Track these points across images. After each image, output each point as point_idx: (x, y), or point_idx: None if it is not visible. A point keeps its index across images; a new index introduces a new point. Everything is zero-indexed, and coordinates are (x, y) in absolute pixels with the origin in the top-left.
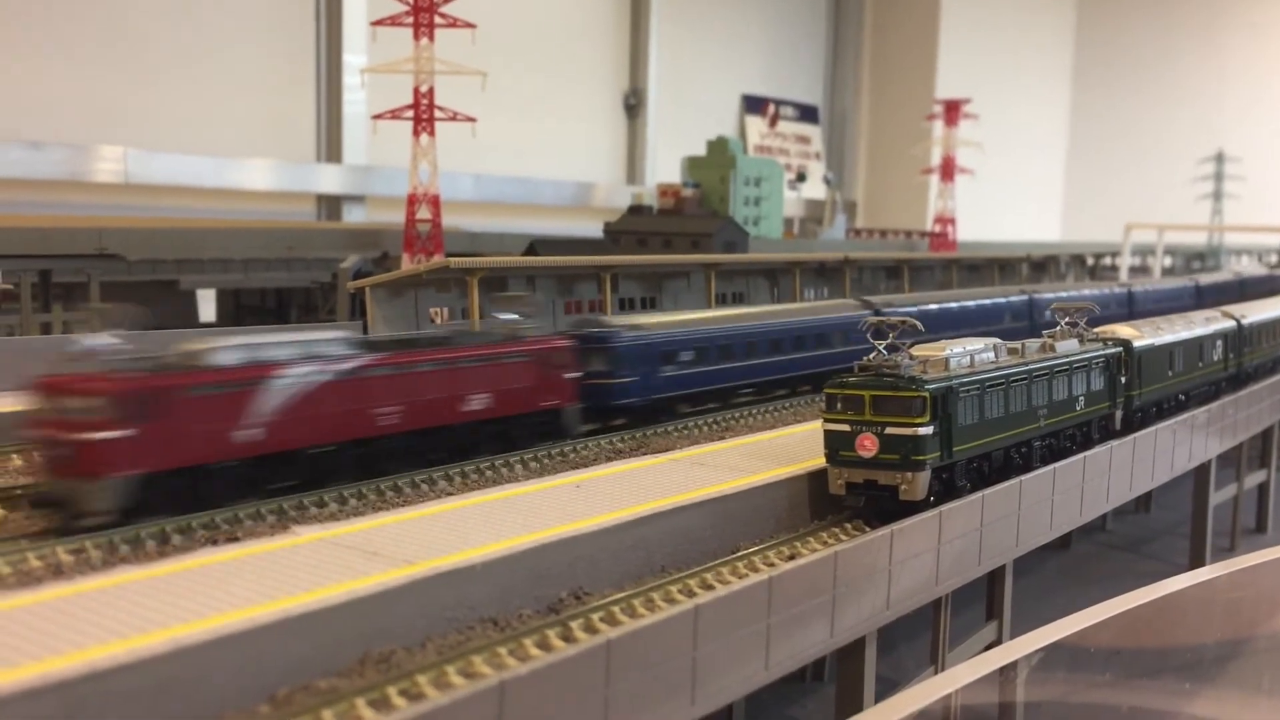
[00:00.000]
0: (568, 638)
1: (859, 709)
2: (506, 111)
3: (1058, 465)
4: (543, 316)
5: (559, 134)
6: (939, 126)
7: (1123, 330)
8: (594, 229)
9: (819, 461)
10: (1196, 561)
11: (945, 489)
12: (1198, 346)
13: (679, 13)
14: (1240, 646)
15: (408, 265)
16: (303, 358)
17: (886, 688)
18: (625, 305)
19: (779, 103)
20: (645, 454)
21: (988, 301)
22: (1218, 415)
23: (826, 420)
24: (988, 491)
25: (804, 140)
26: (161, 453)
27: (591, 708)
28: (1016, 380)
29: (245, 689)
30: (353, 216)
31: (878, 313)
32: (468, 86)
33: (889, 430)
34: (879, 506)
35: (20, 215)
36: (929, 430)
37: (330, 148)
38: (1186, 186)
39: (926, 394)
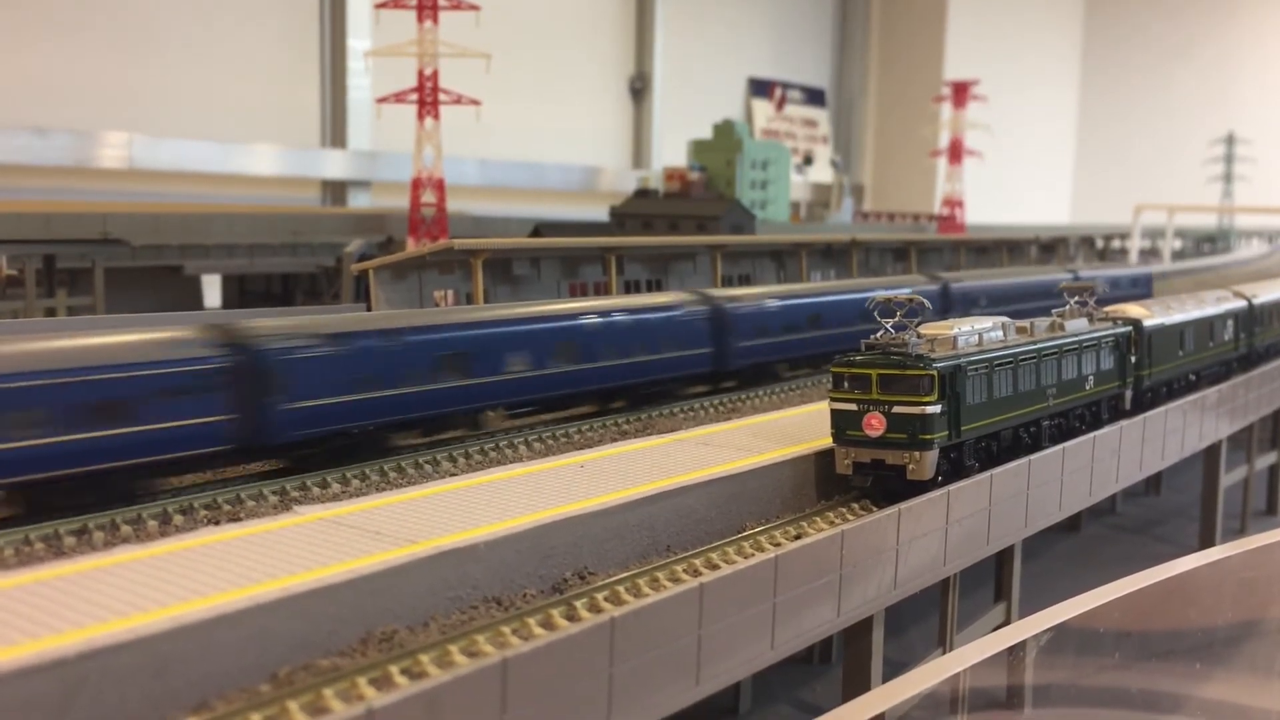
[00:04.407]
0: (572, 617)
1: (866, 689)
2: (511, 95)
3: (1067, 445)
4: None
5: (564, 118)
6: (947, 109)
7: (1132, 309)
8: (600, 213)
9: (825, 441)
10: (1207, 543)
11: (953, 468)
12: (1208, 326)
13: None
14: (1252, 628)
15: (412, 249)
16: None
17: (894, 669)
18: (630, 288)
19: (786, 86)
20: (651, 434)
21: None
22: (1228, 395)
23: (833, 399)
24: (996, 471)
25: (811, 123)
26: None
27: (595, 687)
28: (1025, 359)
29: (246, 667)
30: (358, 201)
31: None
32: (472, 70)
33: (896, 409)
34: (886, 486)
35: (25, 201)
36: (937, 409)
37: (335, 133)
38: (1197, 168)
39: (934, 372)
